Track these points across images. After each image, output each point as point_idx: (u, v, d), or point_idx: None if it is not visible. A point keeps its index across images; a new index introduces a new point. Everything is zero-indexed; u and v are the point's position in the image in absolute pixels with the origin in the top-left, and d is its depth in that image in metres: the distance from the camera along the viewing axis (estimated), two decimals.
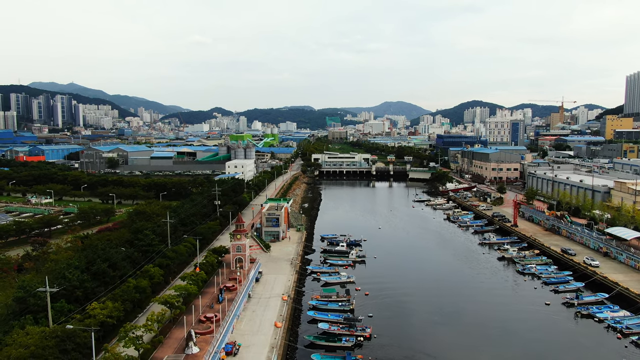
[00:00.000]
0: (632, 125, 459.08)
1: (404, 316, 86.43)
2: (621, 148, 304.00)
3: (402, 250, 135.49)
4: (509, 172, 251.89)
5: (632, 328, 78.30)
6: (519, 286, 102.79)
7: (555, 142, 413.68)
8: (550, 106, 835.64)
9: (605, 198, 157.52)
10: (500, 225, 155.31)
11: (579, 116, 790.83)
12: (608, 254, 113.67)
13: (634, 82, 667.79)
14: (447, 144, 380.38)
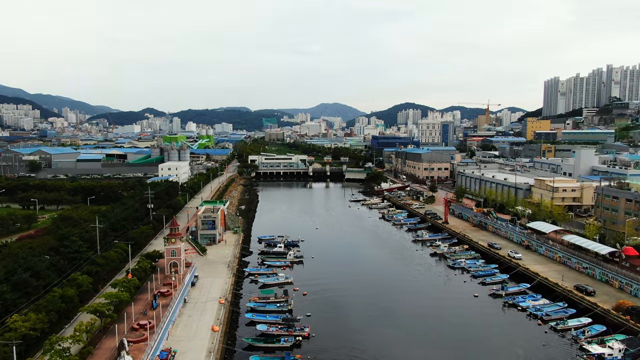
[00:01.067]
0: (550, 127, 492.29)
1: (342, 314, 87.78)
2: (540, 148, 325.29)
3: (339, 249, 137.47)
4: (440, 171, 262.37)
5: (551, 315, 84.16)
6: (450, 280, 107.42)
7: (482, 143, 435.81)
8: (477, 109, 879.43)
9: (527, 195, 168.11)
10: (432, 222, 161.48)
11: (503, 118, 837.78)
12: (529, 246, 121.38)
13: (551, 87, 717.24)
14: (382, 145, 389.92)
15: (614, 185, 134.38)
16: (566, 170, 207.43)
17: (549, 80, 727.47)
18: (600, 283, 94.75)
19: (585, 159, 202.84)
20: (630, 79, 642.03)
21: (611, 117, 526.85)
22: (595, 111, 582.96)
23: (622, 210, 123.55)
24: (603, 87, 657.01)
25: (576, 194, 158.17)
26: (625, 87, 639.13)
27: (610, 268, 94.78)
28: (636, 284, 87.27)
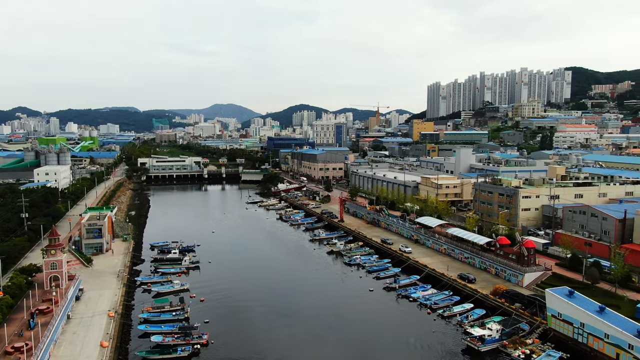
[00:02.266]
0: (433, 129, 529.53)
1: (243, 318, 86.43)
2: (425, 148, 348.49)
3: (237, 252, 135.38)
4: (334, 171, 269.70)
5: (439, 303, 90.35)
6: (347, 276, 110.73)
7: (373, 143, 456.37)
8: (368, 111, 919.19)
9: (415, 192, 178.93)
10: (329, 221, 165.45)
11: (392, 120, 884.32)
12: (418, 240, 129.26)
13: (434, 91, 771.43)
14: (278, 146, 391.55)
15: (488, 181, 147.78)
16: (448, 168, 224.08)
17: (432, 85, 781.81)
18: (479, 271, 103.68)
19: (464, 157, 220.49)
20: (500, 85, 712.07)
21: (485, 119, 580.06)
22: (472, 114, 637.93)
23: (496, 203, 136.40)
24: (477, 92, 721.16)
25: (457, 190, 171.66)
26: (495, 93, 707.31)
27: (488, 257, 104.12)
28: (509, 269, 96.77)
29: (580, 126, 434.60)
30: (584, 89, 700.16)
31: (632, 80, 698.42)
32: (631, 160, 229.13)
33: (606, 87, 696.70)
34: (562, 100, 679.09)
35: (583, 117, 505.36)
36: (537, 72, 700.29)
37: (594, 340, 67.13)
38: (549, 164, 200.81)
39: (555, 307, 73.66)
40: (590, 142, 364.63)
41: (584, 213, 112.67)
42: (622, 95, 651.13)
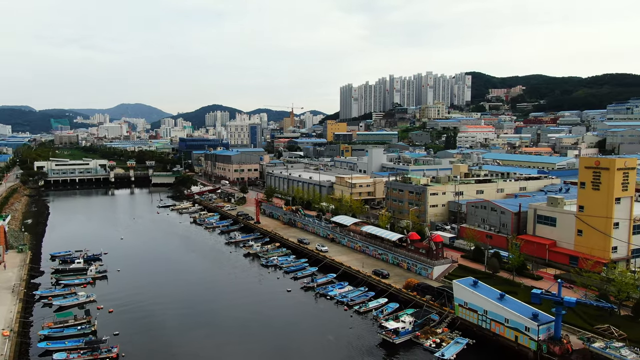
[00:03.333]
0: (346, 129, 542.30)
1: (156, 327, 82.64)
2: (339, 148, 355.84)
3: (149, 259, 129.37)
4: (250, 172, 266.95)
5: (355, 299, 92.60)
6: (264, 278, 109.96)
7: (288, 144, 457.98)
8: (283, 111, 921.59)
9: (330, 191, 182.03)
10: (245, 223, 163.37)
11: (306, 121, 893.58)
12: (334, 239, 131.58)
13: (346, 93, 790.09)
14: (191, 147, 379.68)
15: (399, 179, 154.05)
16: (361, 168, 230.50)
17: (344, 87, 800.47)
18: (393, 266, 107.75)
19: (376, 157, 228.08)
20: (408, 88, 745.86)
21: (395, 120, 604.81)
22: (382, 115, 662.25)
23: (407, 201, 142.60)
24: (387, 94, 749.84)
25: (370, 189, 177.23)
26: (404, 95, 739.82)
27: (400, 252, 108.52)
28: (420, 263, 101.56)
29: (480, 127, 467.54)
30: (482, 93, 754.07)
31: (523, 85, 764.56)
32: (524, 158, 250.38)
33: (501, 91, 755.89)
34: (464, 103, 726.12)
35: (482, 118, 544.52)
36: (441, 76, 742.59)
37: (496, 325, 72.37)
38: (453, 162, 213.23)
39: (461, 297, 78.41)
40: (488, 141, 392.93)
41: (485, 208, 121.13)
42: (515, 98, 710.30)
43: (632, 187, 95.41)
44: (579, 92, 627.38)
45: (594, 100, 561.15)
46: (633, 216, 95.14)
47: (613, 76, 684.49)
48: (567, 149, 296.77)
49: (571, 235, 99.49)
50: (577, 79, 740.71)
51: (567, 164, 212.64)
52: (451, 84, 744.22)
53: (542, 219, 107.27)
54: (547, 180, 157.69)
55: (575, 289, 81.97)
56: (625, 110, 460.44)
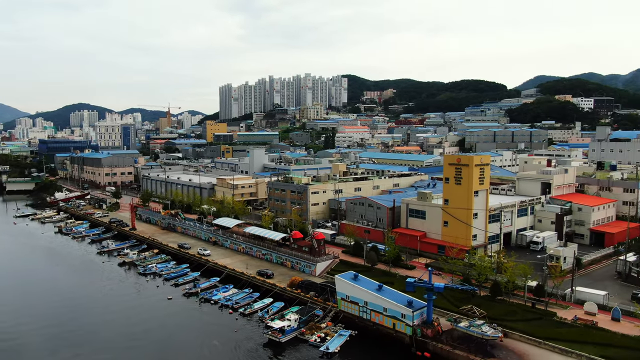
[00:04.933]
0: (227, 130, 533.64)
1: (15, 353, 73.60)
2: (220, 149, 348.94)
3: (5, 277, 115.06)
4: (123, 176, 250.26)
5: (240, 302, 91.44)
6: (143, 287, 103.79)
7: (165, 145, 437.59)
8: (158, 111, 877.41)
9: (211, 193, 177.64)
10: (119, 230, 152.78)
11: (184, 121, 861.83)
12: (217, 242, 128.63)
13: (226, 93, 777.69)
14: (53, 150, 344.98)
15: (281, 179, 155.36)
16: (243, 169, 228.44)
17: (224, 87, 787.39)
18: (277, 266, 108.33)
19: (257, 158, 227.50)
20: (287, 89, 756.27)
21: (275, 120, 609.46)
22: (263, 115, 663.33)
23: (289, 200, 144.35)
24: (267, 95, 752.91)
25: (253, 190, 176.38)
26: (284, 96, 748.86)
27: (284, 251, 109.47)
28: (303, 261, 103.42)
29: (356, 127, 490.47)
30: (358, 95, 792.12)
31: (394, 88, 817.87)
32: (396, 156, 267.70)
33: (375, 94, 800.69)
34: (341, 104, 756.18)
35: (358, 119, 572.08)
36: (319, 78, 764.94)
37: (375, 315, 76.33)
38: (332, 161, 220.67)
39: (343, 291, 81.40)
40: (364, 141, 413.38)
41: (363, 204, 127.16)
42: (387, 100, 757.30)
43: (487, 181, 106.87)
44: (442, 96, 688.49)
45: (454, 103, 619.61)
46: (489, 207, 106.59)
47: (470, 82, 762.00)
48: (433, 147, 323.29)
49: (439, 226, 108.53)
50: (440, 84, 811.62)
51: (434, 161, 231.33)
52: (329, 86, 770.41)
53: (414, 213, 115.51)
54: (417, 176, 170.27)
55: (443, 275, 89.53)
56: (480, 112, 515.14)
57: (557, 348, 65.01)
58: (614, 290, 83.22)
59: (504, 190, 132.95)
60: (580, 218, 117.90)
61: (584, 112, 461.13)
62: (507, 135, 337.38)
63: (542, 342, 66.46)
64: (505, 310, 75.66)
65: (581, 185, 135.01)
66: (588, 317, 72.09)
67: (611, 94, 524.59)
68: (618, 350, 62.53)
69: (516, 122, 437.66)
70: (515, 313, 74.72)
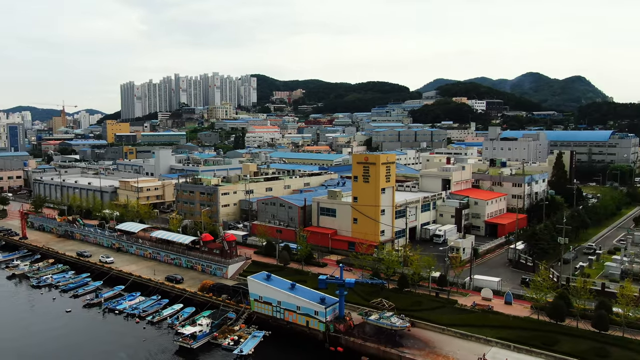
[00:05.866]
0: (130, 130, 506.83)
1: None
2: (122, 150, 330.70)
3: None
4: (11, 180, 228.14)
5: (147, 310, 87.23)
6: (37, 301, 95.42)
7: (60, 147, 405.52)
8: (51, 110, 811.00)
9: (113, 197, 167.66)
10: (7, 240, 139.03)
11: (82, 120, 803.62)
12: (121, 248, 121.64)
13: (128, 91, 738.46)
14: None
15: (189, 181, 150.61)
16: (148, 170, 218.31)
17: (125, 84, 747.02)
18: (187, 270, 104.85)
19: (164, 159, 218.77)
20: (194, 87, 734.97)
21: (182, 120, 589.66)
22: (169, 115, 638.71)
23: (198, 202, 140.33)
24: (173, 94, 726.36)
25: (159, 192, 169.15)
26: (191, 95, 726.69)
27: (193, 255, 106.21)
28: (214, 264, 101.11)
29: (266, 127, 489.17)
30: (267, 95, 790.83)
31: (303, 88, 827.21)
32: (306, 156, 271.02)
33: (284, 94, 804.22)
34: (250, 104, 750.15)
35: (268, 119, 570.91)
36: (228, 77, 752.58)
37: (289, 314, 76.61)
38: (242, 162, 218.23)
39: (256, 292, 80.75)
40: (275, 141, 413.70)
41: (274, 204, 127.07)
42: (297, 101, 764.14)
43: (393, 178, 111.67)
44: (350, 97, 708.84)
45: (361, 104, 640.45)
46: (395, 203, 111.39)
47: (375, 84, 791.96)
48: (342, 147, 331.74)
49: (348, 223, 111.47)
50: (348, 85, 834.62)
51: (343, 160, 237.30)
52: (237, 86, 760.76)
53: (325, 211, 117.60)
54: (327, 175, 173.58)
55: (354, 270, 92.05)
56: (385, 113, 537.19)
57: (459, 333, 69.59)
58: (506, 276, 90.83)
59: (409, 187, 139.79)
60: (477, 211, 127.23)
61: (477, 114, 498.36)
62: (411, 135, 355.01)
63: (445, 329, 70.78)
64: (412, 301, 79.56)
65: (477, 180, 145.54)
66: (485, 303, 77.91)
67: (500, 97, 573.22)
68: (510, 331, 68.30)
69: (418, 122, 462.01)
70: (421, 303, 78.79)
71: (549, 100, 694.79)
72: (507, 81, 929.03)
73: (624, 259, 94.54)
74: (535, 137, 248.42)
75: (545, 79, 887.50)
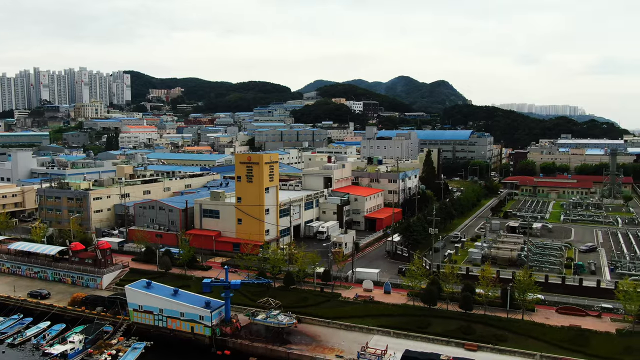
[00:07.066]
0: None
1: None
2: None
3: None
4: None
5: (6, 331, 77.61)
6: None
7: None
8: None
9: None
10: None
11: None
12: None
13: None
14: None
15: (55, 185, 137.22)
16: (3, 175, 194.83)
17: None
18: (54, 283, 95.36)
19: (23, 162, 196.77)
20: (59, 83, 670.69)
21: (44, 119, 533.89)
22: (28, 113, 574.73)
23: (66, 208, 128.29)
24: (33, 90, 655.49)
25: (18, 199, 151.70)
26: (54, 91, 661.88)
27: (61, 266, 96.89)
28: (86, 275, 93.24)
29: (143, 127, 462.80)
30: (143, 93, 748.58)
31: (182, 87, 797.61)
32: (187, 156, 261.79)
33: (162, 92, 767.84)
34: (124, 102, 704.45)
35: (144, 118, 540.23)
36: (97, 73, 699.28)
37: (172, 321, 73.37)
38: (117, 164, 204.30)
39: (135, 301, 76.06)
40: (152, 141, 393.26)
41: (153, 207, 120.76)
42: (175, 99, 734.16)
43: (277, 177, 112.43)
44: (231, 96, 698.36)
45: (243, 104, 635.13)
46: (279, 202, 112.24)
47: (257, 83, 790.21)
48: (224, 147, 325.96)
49: (232, 224, 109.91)
50: (228, 84, 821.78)
51: (225, 161, 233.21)
52: (109, 82, 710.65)
53: (207, 213, 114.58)
54: (209, 176, 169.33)
55: (240, 272, 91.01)
56: (267, 113, 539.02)
57: (343, 325, 72.34)
58: (385, 267, 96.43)
59: (292, 186, 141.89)
60: (357, 207, 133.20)
61: (355, 114, 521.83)
62: (293, 135, 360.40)
63: (330, 322, 73.08)
64: (298, 298, 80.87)
65: (356, 178, 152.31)
66: (366, 294, 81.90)
67: (376, 99, 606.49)
68: (390, 318, 72.67)
69: (300, 122, 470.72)
70: (306, 299, 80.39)
71: (418, 102, 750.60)
72: (381, 84, 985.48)
73: (483, 245, 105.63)
74: (408, 136, 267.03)
75: (415, 83, 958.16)
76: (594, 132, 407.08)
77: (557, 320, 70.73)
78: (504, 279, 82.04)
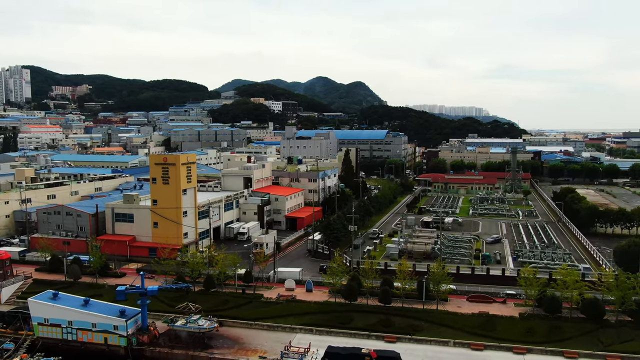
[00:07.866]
0: None
1: None
2: None
3: None
4: None
5: None
6: None
7: None
8: None
9: None
10: None
11: None
12: None
13: None
14: None
15: None
16: None
17: None
18: None
19: None
20: None
21: None
22: None
23: None
24: None
25: None
26: None
27: None
28: None
29: (46, 126, 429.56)
30: (45, 89, 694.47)
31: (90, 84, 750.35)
32: (97, 158, 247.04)
33: (67, 89, 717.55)
34: (24, 100, 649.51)
35: (47, 117, 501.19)
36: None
37: (83, 333, 68.72)
38: (15, 166, 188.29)
39: (40, 314, 70.39)
40: (57, 142, 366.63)
41: (59, 213, 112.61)
42: (82, 97, 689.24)
43: (194, 179, 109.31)
44: (145, 95, 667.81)
45: (158, 103, 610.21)
46: (197, 204, 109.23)
47: (172, 82, 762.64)
48: (138, 147, 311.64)
49: (148, 228, 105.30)
50: (141, 82, 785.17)
51: (139, 162, 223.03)
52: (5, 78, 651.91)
53: (120, 217, 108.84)
54: (122, 178, 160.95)
55: (157, 277, 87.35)
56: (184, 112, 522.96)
57: (265, 325, 71.86)
58: (306, 266, 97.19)
59: (211, 187, 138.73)
60: (278, 207, 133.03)
61: (275, 114, 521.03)
62: (211, 135, 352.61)
63: (253, 323, 72.30)
64: (219, 301, 79.11)
65: (276, 178, 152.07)
66: (289, 293, 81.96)
67: (295, 99, 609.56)
68: (312, 316, 73.28)
69: (218, 122, 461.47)
70: (228, 302, 78.86)
71: (336, 102, 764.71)
72: (300, 84, 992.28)
73: (400, 240, 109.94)
74: (327, 136, 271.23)
75: (333, 83, 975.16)
76: (497, 132, 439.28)
77: (468, 308, 75.18)
78: (419, 271, 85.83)
